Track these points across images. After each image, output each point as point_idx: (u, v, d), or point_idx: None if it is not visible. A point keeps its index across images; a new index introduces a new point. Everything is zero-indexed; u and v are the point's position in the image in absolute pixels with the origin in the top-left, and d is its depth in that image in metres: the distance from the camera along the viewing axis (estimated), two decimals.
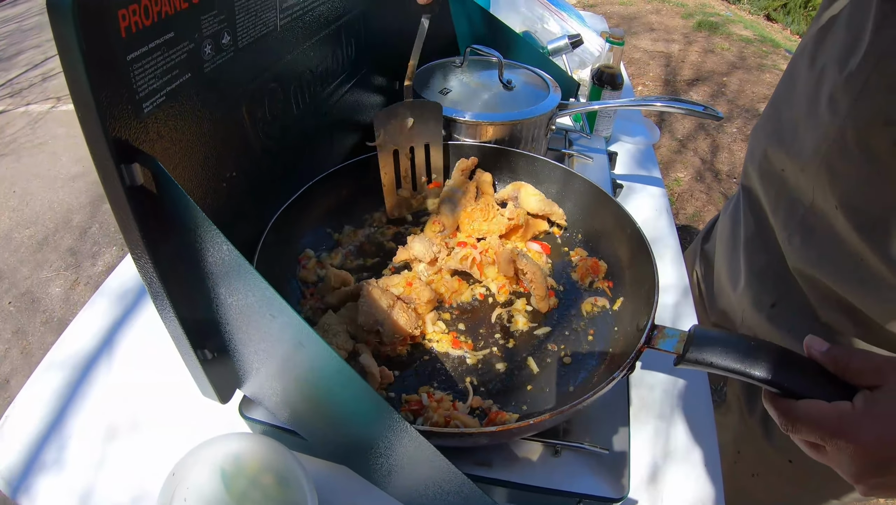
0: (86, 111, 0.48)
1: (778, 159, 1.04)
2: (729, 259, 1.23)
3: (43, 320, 2.95)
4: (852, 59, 0.84)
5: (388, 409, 0.54)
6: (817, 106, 0.92)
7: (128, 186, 0.53)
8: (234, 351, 0.70)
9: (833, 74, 0.88)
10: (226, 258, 0.54)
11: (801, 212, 0.98)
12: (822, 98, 0.91)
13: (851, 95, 0.84)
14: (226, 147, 0.74)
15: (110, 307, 1.07)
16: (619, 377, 0.72)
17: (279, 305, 0.53)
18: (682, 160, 4.13)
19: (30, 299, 3.05)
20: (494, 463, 0.80)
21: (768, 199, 1.08)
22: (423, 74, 1.28)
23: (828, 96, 0.89)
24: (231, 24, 0.68)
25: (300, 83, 0.91)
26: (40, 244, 3.39)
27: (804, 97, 0.97)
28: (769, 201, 1.08)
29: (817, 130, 0.92)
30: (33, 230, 3.49)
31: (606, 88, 1.56)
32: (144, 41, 0.54)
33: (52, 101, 4.92)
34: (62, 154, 4.19)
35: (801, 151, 0.96)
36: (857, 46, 0.84)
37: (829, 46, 0.91)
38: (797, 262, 1.00)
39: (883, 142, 0.81)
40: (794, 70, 1.03)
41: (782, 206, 1.03)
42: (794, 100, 1.01)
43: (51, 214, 3.60)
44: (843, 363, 0.61)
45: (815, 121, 0.93)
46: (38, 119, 4.67)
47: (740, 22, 6.85)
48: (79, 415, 0.90)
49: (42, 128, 4.54)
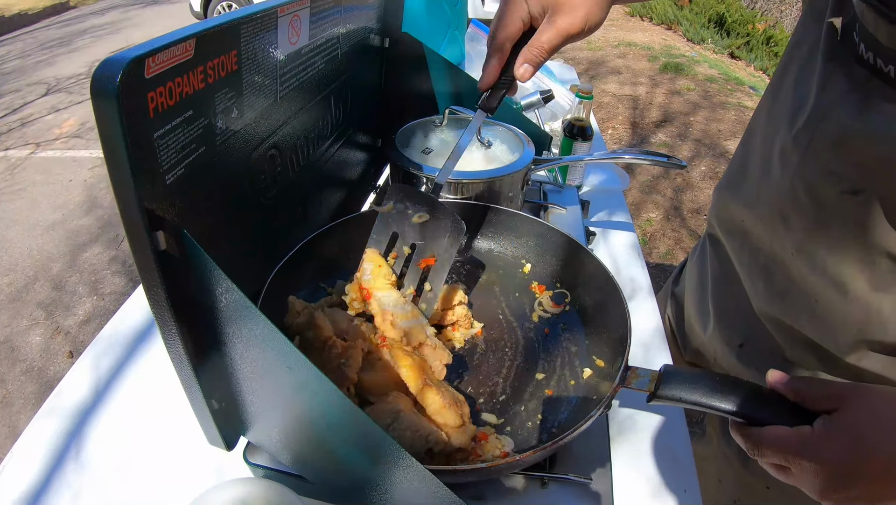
0: (123, 185, 0.54)
1: (738, 212, 1.10)
2: (698, 302, 1.28)
3: (23, 369, 2.94)
4: (800, 118, 0.90)
5: (391, 441, 0.59)
6: (770, 161, 0.99)
7: (156, 251, 0.59)
8: (242, 400, 0.75)
9: (784, 132, 0.95)
10: (242, 311, 0.60)
11: (762, 260, 1.04)
12: (775, 154, 0.97)
13: (799, 151, 0.91)
14: (230, 211, 0.80)
15: (108, 356, 1.09)
16: (595, 415, 0.78)
17: (296, 358, 0.59)
18: (652, 200, 4.25)
19: (9, 348, 3.05)
20: (487, 497, 0.85)
21: (732, 248, 1.14)
22: (405, 133, 1.36)
23: (779, 152, 0.96)
24: (239, 99, 0.75)
25: (295, 147, 0.98)
26: (19, 292, 3.39)
27: (760, 153, 1.04)
28: (733, 250, 1.13)
29: (771, 184, 0.99)
30: (11, 278, 3.49)
31: (578, 140, 1.65)
32: (169, 119, 0.60)
33: (31, 147, 4.94)
34: (41, 201, 4.20)
35: (757, 204, 1.03)
36: (803, 106, 0.90)
37: (780, 106, 0.98)
38: (761, 304, 1.06)
39: (830, 191, 0.87)
40: (753, 129, 1.10)
41: (745, 254, 1.09)
42: (752, 156, 1.07)
43: (30, 262, 3.61)
44: (803, 392, 0.67)
45: (768, 175, 1.00)
46: (17, 165, 4.69)
47: (705, 62, 7.07)
48: (79, 465, 0.91)
49: (20, 174, 4.56)
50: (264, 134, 0.85)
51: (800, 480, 0.65)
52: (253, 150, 0.83)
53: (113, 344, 1.13)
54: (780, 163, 0.96)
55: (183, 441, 0.93)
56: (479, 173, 1.24)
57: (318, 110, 1.04)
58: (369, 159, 1.39)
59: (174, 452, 0.94)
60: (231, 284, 0.58)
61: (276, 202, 0.94)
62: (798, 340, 1.01)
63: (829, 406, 0.65)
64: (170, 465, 0.92)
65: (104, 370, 1.07)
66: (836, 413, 0.64)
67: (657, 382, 0.78)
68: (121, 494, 0.88)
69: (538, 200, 1.52)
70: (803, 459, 0.63)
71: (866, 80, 0.82)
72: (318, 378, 0.58)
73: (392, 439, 0.59)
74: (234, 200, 0.81)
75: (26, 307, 3.29)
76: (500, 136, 1.37)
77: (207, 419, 0.75)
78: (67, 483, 0.89)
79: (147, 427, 0.98)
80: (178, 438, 0.94)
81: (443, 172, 1.03)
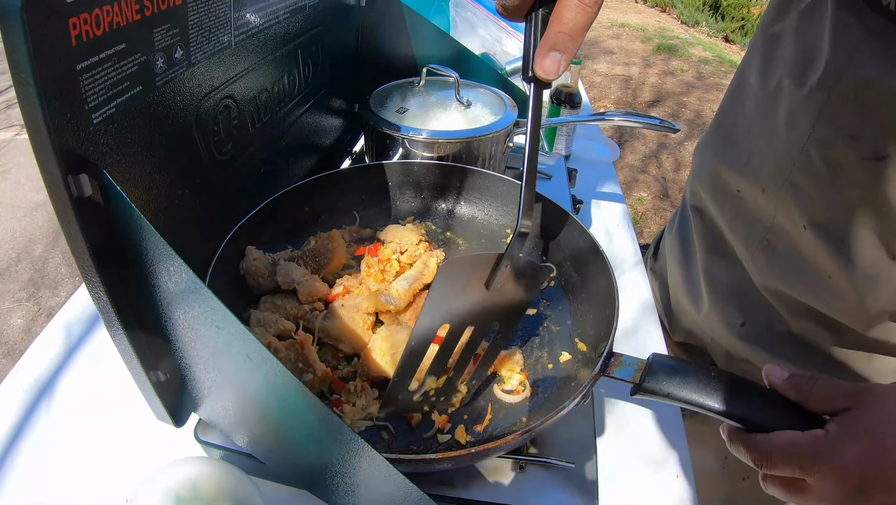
0: (33, 119, 0.48)
1: (732, 180, 1.02)
2: (685, 280, 1.21)
3: (4, 351, 2.89)
4: (811, 75, 0.82)
5: (342, 424, 0.53)
6: (774, 125, 0.91)
7: (75, 198, 0.52)
8: (187, 370, 0.69)
9: (791, 91, 0.87)
10: (170, 268, 0.54)
11: (762, 232, 0.97)
12: (780, 116, 0.89)
13: (813, 112, 0.82)
14: (177, 163, 0.73)
15: (64, 335, 1.05)
16: (569, 406, 0.71)
17: (223, 316, 0.52)
18: (644, 180, 4.20)
19: None
20: (457, 482, 0.79)
21: (723, 218, 1.07)
22: (381, 95, 1.29)
23: (786, 114, 0.88)
24: (184, 38, 0.68)
25: (256, 102, 0.91)
26: (1, 274, 3.33)
27: (758, 115, 0.95)
28: (725, 220, 1.06)
29: (777, 150, 0.90)
30: None
31: (565, 107, 1.59)
32: (95, 51, 0.54)
33: (15, 129, 4.86)
34: (25, 182, 4.13)
35: (759, 172, 0.95)
36: (814, 61, 0.82)
37: (780, 61, 0.90)
38: (763, 279, 1.00)
39: (849, 157, 0.79)
40: (742, 85, 1.01)
41: (740, 227, 1.02)
42: (745, 118, 0.99)
43: (12, 244, 3.54)
44: (807, 391, 0.60)
45: (773, 140, 0.91)
46: (1, 147, 4.60)
47: (699, 44, 7.02)
48: (29, 442, 0.88)
49: (4, 156, 4.48)
50: (217, 82, 0.78)
51: (818, 493, 0.57)
52: (203, 98, 0.76)
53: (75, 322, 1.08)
54: (788, 124, 0.88)
55: (137, 419, 0.87)
56: (457, 133, 1.18)
57: (283, 65, 0.98)
58: (344, 125, 1.33)
59: (128, 430, 0.89)
60: (157, 235, 0.52)
61: (234, 158, 0.88)
62: (806, 313, 0.95)
63: (839, 406, 0.58)
64: (122, 443, 0.88)
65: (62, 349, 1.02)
66: (849, 412, 0.57)
67: (644, 372, 0.70)
68: (70, 472, 0.84)
69: (522, 166, 1.44)
70: (822, 466, 0.55)
71: (884, 28, 0.74)
72: (248, 339, 0.52)
73: (348, 426, 0.53)
74: (181, 151, 0.74)
75: (8, 289, 3.23)
76: (480, 97, 1.30)
77: (150, 393, 0.70)
78: (16, 462, 0.85)
79: (102, 406, 0.93)
80: (133, 416, 0.88)
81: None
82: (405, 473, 0.54)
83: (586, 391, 0.73)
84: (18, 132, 4.82)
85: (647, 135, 4.72)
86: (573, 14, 0.55)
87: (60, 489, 0.82)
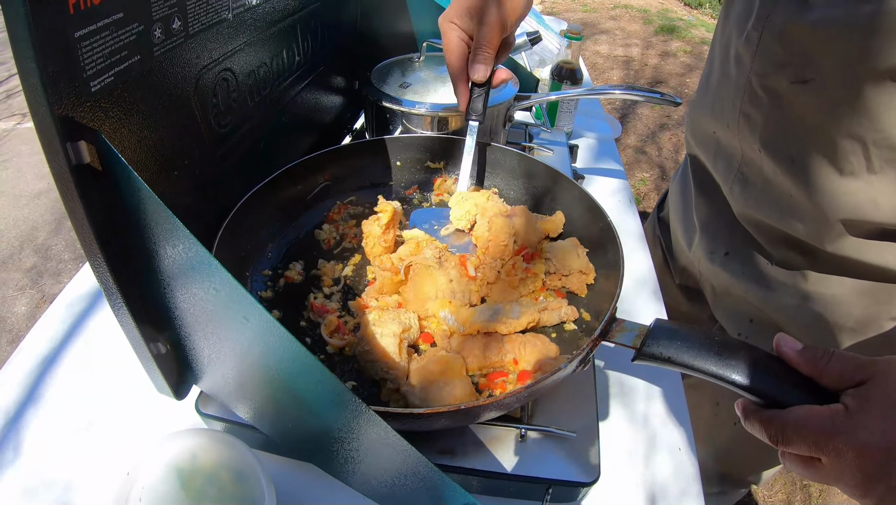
0: (32, 86, 0.48)
1: (707, 123, 1.15)
2: (682, 219, 1.30)
3: (9, 340, 2.89)
4: (749, 22, 0.96)
5: (339, 385, 0.53)
6: (728, 66, 1.05)
7: (74, 165, 0.52)
8: (187, 340, 0.69)
9: (736, 37, 1.01)
10: (168, 231, 0.54)
11: (736, 165, 1.07)
12: (731, 58, 1.03)
13: (751, 49, 0.96)
14: (176, 135, 0.73)
15: (70, 312, 1.05)
16: (566, 368, 0.70)
17: (221, 277, 0.52)
18: (646, 160, 4.18)
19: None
20: (457, 451, 0.78)
21: (708, 159, 1.17)
22: (382, 71, 1.29)
23: (735, 56, 1.02)
24: (182, 9, 0.68)
25: (255, 76, 0.91)
26: (4, 262, 3.32)
27: (719, 63, 1.09)
28: (709, 160, 1.16)
29: (730, 87, 1.03)
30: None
31: (566, 83, 1.58)
32: (93, 19, 0.53)
33: (16, 118, 4.84)
34: (26, 171, 4.12)
35: (722, 112, 1.07)
36: (751, 11, 0.95)
37: (732, 18, 1.04)
38: (741, 209, 1.07)
39: (780, 83, 0.92)
40: (713, 45, 1.15)
41: (720, 163, 1.12)
42: (712, 69, 1.13)
43: (15, 232, 3.54)
44: (821, 367, 0.58)
45: (728, 80, 1.05)
46: (2, 136, 4.59)
47: (702, 26, 6.96)
48: (34, 416, 0.88)
49: (5, 145, 4.47)
50: (215, 54, 0.78)
51: (835, 472, 0.55)
52: (202, 70, 0.76)
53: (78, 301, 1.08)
54: (736, 65, 1.02)
55: (141, 394, 0.88)
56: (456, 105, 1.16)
57: (282, 40, 0.97)
58: (344, 102, 1.32)
59: (129, 404, 0.90)
60: (159, 202, 0.51)
61: (233, 132, 0.88)
62: (781, 241, 1.02)
63: (853, 380, 0.56)
64: (124, 417, 0.88)
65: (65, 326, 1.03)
66: (865, 385, 0.55)
67: (645, 337, 0.69)
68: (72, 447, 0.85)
69: (523, 142, 1.45)
70: (838, 443, 0.53)
71: None
72: (276, 328, 0.51)
73: (351, 393, 0.53)
74: (181, 122, 0.74)
75: (12, 277, 3.23)
76: None
77: (151, 365, 0.70)
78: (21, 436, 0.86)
79: (104, 380, 0.94)
80: (134, 390, 0.89)
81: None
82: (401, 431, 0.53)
83: (585, 355, 0.72)
84: (19, 121, 4.81)
85: (648, 115, 4.70)
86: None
87: (63, 463, 0.82)
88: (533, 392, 0.71)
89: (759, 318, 1.10)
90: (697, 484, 0.85)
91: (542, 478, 0.75)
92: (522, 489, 0.78)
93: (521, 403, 0.78)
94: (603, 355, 1.00)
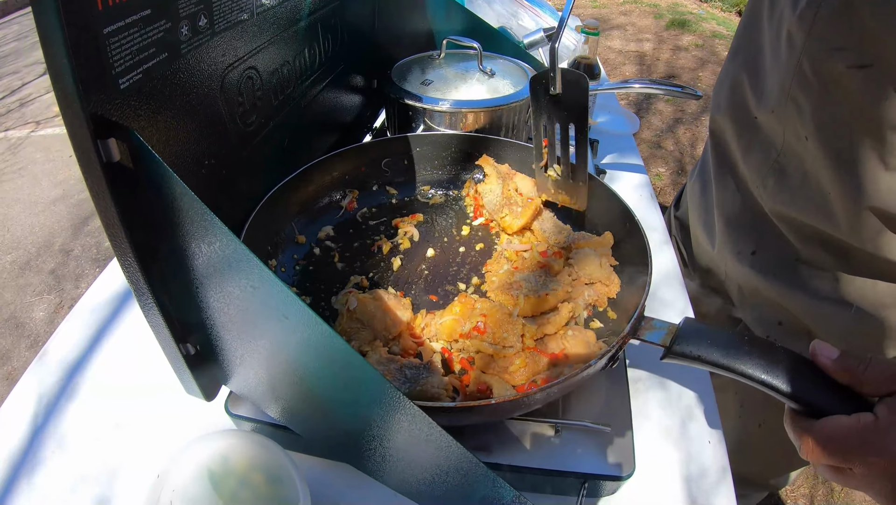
0: (63, 83, 0.47)
1: (749, 108, 1.07)
2: (703, 218, 1.26)
3: (27, 345, 2.91)
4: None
5: (383, 380, 0.52)
6: (778, 48, 0.97)
7: (104, 163, 0.52)
8: (218, 340, 0.68)
9: (788, 14, 0.93)
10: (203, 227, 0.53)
11: (774, 155, 1.01)
12: (782, 39, 0.95)
13: (805, 28, 0.88)
14: (203, 133, 0.72)
15: (94, 314, 1.05)
16: (596, 364, 0.70)
17: (260, 275, 0.51)
18: (662, 155, 4.16)
19: (14, 324, 3.01)
20: (493, 447, 0.78)
21: (739, 148, 1.11)
22: (402, 68, 1.28)
23: (786, 35, 0.94)
24: (208, 7, 0.67)
25: (279, 75, 0.90)
26: (22, 269, 3.35)
27: (768, 43, 1.01)
28: (741, 151, 1.10)
29: (780, 69, 0.96)
30: (15, 255, 3.45)
31: None
32: (122, 15, 0.53)
33: (31, 126, 4.87)
34: (42, 178, 4.15)
35: (770, 94, 1.00)
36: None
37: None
38: (773, 203, 1.03)
39: (835, 67, 0.85)
40: (755, 21, 1.07)
41: (755, 152, 1.06)
42: (759, 47, 1.05)
43: (32, 238, 3.57)
44: (859, 375, 0.56)
45: (777, 62, 0.97)
46: (17, 144, 4.62)
47: (713, 19, 6.92)
48: (63, 419, 0.88)
49: (21, 153, 4.50)
50: (240, 52, 0.78)
51: (866, 482, 0.53)
52: (227, 68, 0.75)
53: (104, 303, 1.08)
54: (788, 46, 0.94)
55: (170, 395, 0.87)
56: (481, 102, 1.17)
57: (304, 39, 0.96)
58: (364, 101, 1.31)
59: (158, 406, 0.89)
60: (192, 195, 0.51)
61: (258, 130, 0.87)
62: (814, 238, 0.98)
63: (890, 388, 0.54)
64: (153, 419, 0.88)
65: (92, 329, 1.03)
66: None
67: (674, 336, 0.69)
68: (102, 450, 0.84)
69: None
70: (869, 456, 0.51)
71: None
72: (286, 296, 0.51)
73: (395, 389, 0.52)
74: (207, 120, 0.74)
75: (30, 283, 3.25)
76: (501, 67, 1.29)
77: (181, 366, 0.69)
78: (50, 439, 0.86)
79: (132, 382, 0.93)
80: (164, 393, 0.89)
81: None
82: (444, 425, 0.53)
83: (614, 352, 0.72)
84: (33, 129, 4.84)
85: (664, 110, 4.67)
86: None
87: (92, 467, 0.82)
88: (564, 387, 0.70)
89: (788, 321, 1.07)
90: (728, 475, 0.84)
91: (578, 472, 0.75)
92: (558, 485, 0.77)
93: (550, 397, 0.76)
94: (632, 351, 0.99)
